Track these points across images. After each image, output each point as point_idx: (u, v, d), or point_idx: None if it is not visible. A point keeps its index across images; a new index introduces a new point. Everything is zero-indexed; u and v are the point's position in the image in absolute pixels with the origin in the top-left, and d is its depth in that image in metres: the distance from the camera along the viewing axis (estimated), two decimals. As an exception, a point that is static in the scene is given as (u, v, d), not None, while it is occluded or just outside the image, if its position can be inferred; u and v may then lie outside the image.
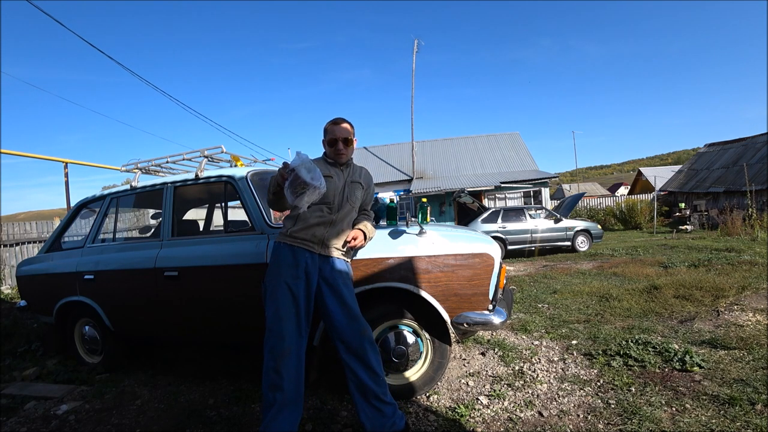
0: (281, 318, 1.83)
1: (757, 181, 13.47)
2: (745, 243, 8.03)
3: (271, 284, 1.88)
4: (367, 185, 2.18)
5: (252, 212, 2.48)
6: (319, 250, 1.94)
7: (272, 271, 1.91)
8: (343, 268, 1.99)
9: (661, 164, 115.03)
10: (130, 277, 2.85)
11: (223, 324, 2.56)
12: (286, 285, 1.85)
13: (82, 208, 3.41)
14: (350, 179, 2.09)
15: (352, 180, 2.09)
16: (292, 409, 1.78)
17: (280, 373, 1.78)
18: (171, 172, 3.43)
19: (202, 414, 2.29)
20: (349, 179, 2.08)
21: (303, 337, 1.87)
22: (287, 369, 1.79)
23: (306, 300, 1.89)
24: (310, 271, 1.90)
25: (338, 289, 1.92)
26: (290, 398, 1.78)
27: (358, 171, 2.16)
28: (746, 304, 3.63)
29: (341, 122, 2.05)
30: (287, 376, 1.79)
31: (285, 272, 1.87)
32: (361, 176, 2.16)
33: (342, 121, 2.06)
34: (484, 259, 2.22)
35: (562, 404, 2.12)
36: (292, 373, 1.80)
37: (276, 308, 1.84)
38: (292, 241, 1.92)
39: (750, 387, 2.11)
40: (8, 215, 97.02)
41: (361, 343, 1.88)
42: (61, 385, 2.92)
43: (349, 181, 2.08)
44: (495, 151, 20.71)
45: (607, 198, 20.96)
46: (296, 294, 1.86)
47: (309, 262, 1.90)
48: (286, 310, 1.83)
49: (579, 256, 8.60)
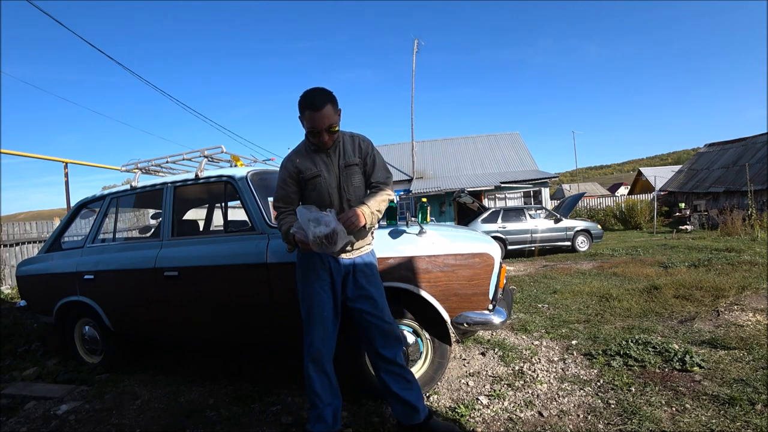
0: (310, 322, 1.82)
1: (757, 181, 13.46)
2: (745, 243, 8.03)
3: (301, 289, 1.88)
4: (364, 159, 1.91)
5: (252, 212, 2.48)
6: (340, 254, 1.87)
7: (300, 276, 1.89)
8: (367, 261, 1.91)
9: (661, 164, 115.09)
10: (130, 277, 2.85)
11: (223, 324, 2.56)
12: (314, 288, 1.82)
13: (82, 208, 3.41)
14: (343, 163, 1.86)
15: (346, 164, 1.86)
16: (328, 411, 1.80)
17: (312, 377, 1.80)
18: (171, 172, 3.43)
19: (202, 414, 2.29)
20: (342, 164, 1.86)
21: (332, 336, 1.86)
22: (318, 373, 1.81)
23: (333, 301, 1.86)
24: (334, 274, 1.85)
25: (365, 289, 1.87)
26: (327, 401, 1.80)
27: (349, 147, 1.89)
28: (746, 304, 3.63)
29: (320, 106, 1.70)
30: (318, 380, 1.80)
31: (311, 276, 1.84)
32: (355, 151, 1.90)
33: (321, 104, 1.70)
34: (484, 259, 2.22)
35: (562, 404, 2.12)
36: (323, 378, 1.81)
37: (306, 314, 1.84)
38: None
39: (750, 387, 2.11)
40: (8, 215, 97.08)
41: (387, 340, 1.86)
42: (61, 385, 2.91)
43: (342, 166, 1.86)
44: (495, 151, 20.71)
45: (607, 198, 20.96)
46: (324, 297, 1.83)
47: (333, 264, 1.85)
48: (314, 314, 1.82)
49: (579, 256, 8.60)
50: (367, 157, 1.92)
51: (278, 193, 1.90)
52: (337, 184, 1.85)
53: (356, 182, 1.88)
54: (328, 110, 1.73)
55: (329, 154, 1.86)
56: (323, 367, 1.82)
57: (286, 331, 2.39)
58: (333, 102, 1.75)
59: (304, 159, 1.86)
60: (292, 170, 1.85)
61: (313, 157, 1.85)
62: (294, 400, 2.36)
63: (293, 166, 1.86)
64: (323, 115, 1.71)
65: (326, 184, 1.83)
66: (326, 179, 1.83)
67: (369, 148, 1.94)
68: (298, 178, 1.86)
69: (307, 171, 1.84)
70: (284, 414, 2.21)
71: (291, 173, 1.86)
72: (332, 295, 1.86)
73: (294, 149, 1.93)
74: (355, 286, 1.87)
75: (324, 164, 1.85)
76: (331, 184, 1.84)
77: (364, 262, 1.91)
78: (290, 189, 1.88)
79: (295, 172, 1.85)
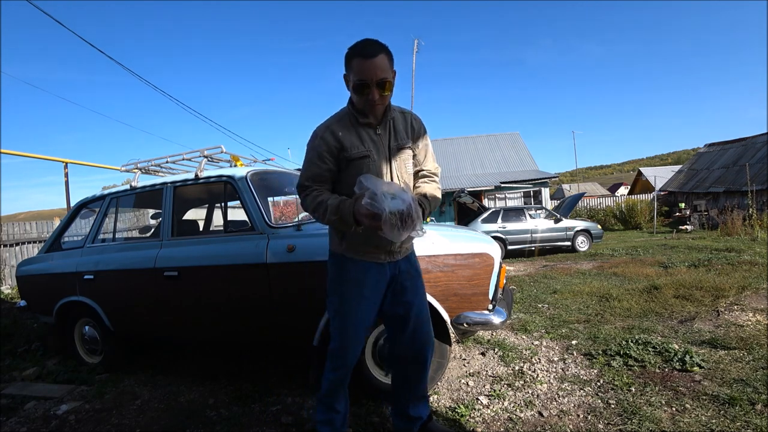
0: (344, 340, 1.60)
1: (757, 181, 13.46)
2: (745, 243, 8.03)
3: (335, 302, 1.60)
4: (416, 142, 1.62)
5: (252, 212, 2.48)
6: (387, 259, 1.59)
7: (335, 286, 1.61)
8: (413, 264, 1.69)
9: (661, 164, 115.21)
10: (130, 277, 2.85)
11: (223, 324, 2.56)
12: (352, 306, 1.57)
13: (82, 208, 3.41)
14: (395, 145, 1.55)
15: (398, 146, 1.55)
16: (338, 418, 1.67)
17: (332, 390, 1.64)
18: (171, 172, 3.43)
19: (202, 414, 2.29)
20: (395, 145, 1.55)
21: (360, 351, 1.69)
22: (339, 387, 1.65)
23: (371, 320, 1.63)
24: (380, 287, 1.60)
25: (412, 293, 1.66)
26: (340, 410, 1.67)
27: (401, 126, 1.58)
28: (746, 304, 3.62)
29: (373, 53, 1.38)
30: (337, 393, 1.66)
31: (350, 290, 1.56)
32: (408, 131, 1.59)
33: (374, 51, 1.38)
34: (484, 259, 2.21)
35: (562, 404, 2.12)
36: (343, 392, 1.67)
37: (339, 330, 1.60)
38: (354, 254, 1.56)
39: (750, 387, 2.11)
40: (8, 215, 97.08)
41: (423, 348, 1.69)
42: (61, 385, 2.91)
43: (395, 149, 1.54)
44: (495, 151, 20.71)
45: (607, 198, 20.96)
46: (363, 316, 1.59)
47: (377, 277, 1.58)
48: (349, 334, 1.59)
49: (579, 256, 8.59)
50: (419, 140, 1.61)
51: (310, 170, 1.52)
52: (388, 170, 1.53)
53: (410, 169, 1.59)
54: (382, 61, 1.39)
55: (379, 131, 1.52)
56: (345, 382, 1.66)
57: (286, 331, 2.39)
58: (388, 55, 1.43)
59: (348, 132, 1.50)
60: (332, 144, 1.49)
61: (359, 132, 1.50)
62: (294, 400, 2.36)
63: (334, 139, 1.49)
64: (375, 65, 1.38)
65: (375, 169, 1.50)
66: (375, 161, 1.49)
67: (422, 129, 1.64)
68: (338, 155, 1.50)
69: (352, 148, 1.48)
70: (284, 414, 2.21)
71: (330, 147, 1.49)
72: (372, 313, 1.62)
73: (332, 117, 1.55)
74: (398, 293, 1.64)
75: (373, 143, 1.51)
76: (380, 170, 1.51)
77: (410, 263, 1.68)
78: (326, 166, 1.50)
79: (336, 147, 1.49)
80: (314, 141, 1.52)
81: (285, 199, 4.21)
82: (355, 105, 1.50)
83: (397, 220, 1.30)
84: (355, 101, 1.48)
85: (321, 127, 1.54)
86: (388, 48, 1.44)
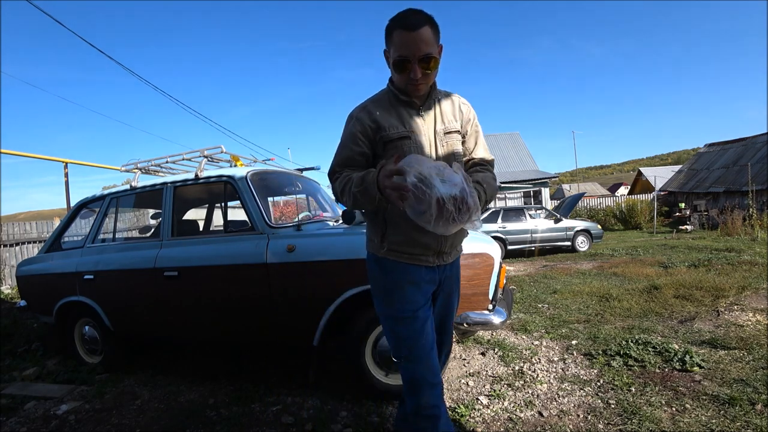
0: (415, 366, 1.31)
1: (757, 181, 13.46)
2: (745, 243, 8.03)
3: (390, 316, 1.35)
4: (466, 126, 1.42)
5: (252, 212, 2.48)
6: (437, 261, 1.37)
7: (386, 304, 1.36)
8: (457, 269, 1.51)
9: (661, 164, 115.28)
10: (130, 277, 2.85)
11: (223, 324, 2.56)
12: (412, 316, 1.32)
13: (82, 208, 3.41)
14: (442, 129, 1.36)
15: (445, 130, 1.36)
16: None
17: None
18: (171, 172, 3.43)
19: (202, 414, 2.29)
20: (441, 129, 1.36)
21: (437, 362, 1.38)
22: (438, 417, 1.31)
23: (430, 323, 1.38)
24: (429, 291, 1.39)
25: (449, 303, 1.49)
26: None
27: (448, 108, 1.39)
28: (746, 304, 3.63)
29: (416, 25, 1.19)
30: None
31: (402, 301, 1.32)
32: (456, 114, 1.40)
33: (418, 23, 1.19)
34: (483, 259, 2.21)
35: (562, 404, 2.12)
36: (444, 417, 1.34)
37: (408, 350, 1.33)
38: (398, 255, 1.33)
39: (750, 387, 2.11)
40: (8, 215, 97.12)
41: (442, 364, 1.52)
42: (61, 385, 2.91)
43: (441, 133, 1.35)
44: (495, 151, 20.70)
45: (607, 198, 20.96)
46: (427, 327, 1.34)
47: (426, 279, 1.36)
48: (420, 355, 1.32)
49: (579, 256, 8.59)
50: (469, 124, 1.43)
51: (341, 155, 1.34)
52: (433, 154, 1.35)
53: (459, 157, 1.39)
54: (427, 33, 1.20)
55: (423, 112, 1.34)
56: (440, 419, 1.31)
57: (286, 331, 2.39)
58: (434, 27, 1.24)
59: (386, 112, 1.32)
60: (367, 124, 1.32)
61: (400, 112, 1.33)
62: (294, 400, 2.36)
63: (370, 120, 1.32)
64: (419, 38, 1.19)
65: (417, 152, 1.30)
66: (417, 147, 1.32)
67: (471, 113, 1.45)
68: (374, 137, 1.32)
69: (391, 128, 1.30)
70: (284, 414, 2.21)
71: (366, 128, 1.32)
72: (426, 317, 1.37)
73: (369, 99, 1.39)
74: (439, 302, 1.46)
75: (415, 125, 1.33)
76: (423, 154, 1.32)
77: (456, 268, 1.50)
78: (359, 149, 1.32)
79: (373, 127, 1.32)
80: (348, 123, 1.36)
81: (285, 199, 4.20)
82: (395, 84, 1.33)
83: (449, 205, 1.06)
84: (395, 80, 1.31)
85: (356, 108, 1.37)
86: (434, 19, 1.24)
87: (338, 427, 2.05)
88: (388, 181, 1.07)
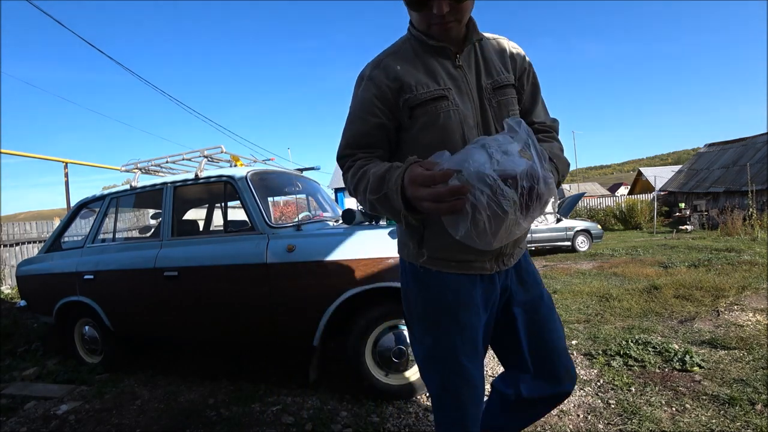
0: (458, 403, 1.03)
1: (757, 181, 13.46)
2: (745, 243, 8.03)
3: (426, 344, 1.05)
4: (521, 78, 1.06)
5: (252, 212, 2.48)
6: (496, 267, 1.02)
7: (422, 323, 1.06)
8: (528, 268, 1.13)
9: (661, 164, 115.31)
10: (129, 277, 2.85)
11: (223, 324, 2.56)
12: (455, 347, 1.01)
13: (82, 208, 3.41)
14: (489, 83, 0.98)
15: (494, 84, 0.98)
16: None
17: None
18: (171, 172, 3.43)
19: (202, 414, 2.29)
20: (488, 83, 0.98)
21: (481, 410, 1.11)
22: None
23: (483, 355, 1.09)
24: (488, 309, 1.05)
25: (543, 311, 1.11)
26: None
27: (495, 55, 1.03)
28: (746, 304, 3.63)
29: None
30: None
31: (443, 322, 1.02)
32: (508, 62, 1.04)
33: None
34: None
35: (562, 404, 2.12)
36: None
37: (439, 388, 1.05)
38: (443, 265, 1.01)
39: (750, 387, 2.11)
40: (8, 215, 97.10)
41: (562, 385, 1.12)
42: (61, 385, 2.91)
43: (489, 88, 0.98)
44: (495, 151, 20.67)
45: (607, 198, 20.95)
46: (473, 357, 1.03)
47: (484, 295, 1.03)
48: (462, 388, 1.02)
49: (579, 256, 8.59)
50: (525, 76, 1.05)
51: (352, 130, 1.01)
52: (479, 120, 0.97)
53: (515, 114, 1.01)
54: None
55: (458, 62, 0.97)
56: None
57: (286, 331, 2.39)
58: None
59: (410, 66, 0.96)
60: (386, 85, 0.96)
61: (429, 64, 0.96)
62: (294, 400, 2.36)
63: (389, 78, 0.96)
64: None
65: (457, 119, 0.94)
66: (458, 109, 0.95)
67: (526, 60, 1.07)
68: (396, 101, 0.96)
69: (419, 87, 0.94)
70: (284, 414, 2.21)
71: (383, 91, 0.96)
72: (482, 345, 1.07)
73: (385, 51, 1.03)
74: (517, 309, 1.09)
75: (451, 78, 0.96)
76: (466, 119, 0.95)
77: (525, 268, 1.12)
78: (377, 121, 0.98)
79: (393, 88, 0.96)
80: (358, 86, 1.01)
81: (285, 199, 4.21)
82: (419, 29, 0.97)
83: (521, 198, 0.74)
84: (414, 22, 0.97)
85: (368, 65, 1.01)
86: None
87: (338, 427, 2.05)
88: (424, 191, 0.75)
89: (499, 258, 1.03)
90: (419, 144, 0.97)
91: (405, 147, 1.01)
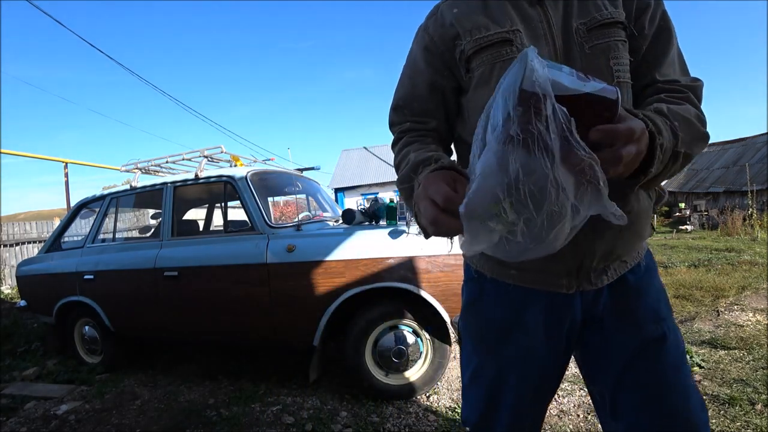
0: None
1: (757, 181, 13.47)
2: (745, 243, 8.03)
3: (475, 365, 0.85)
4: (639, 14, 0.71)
5: (252, 212, 2.48)
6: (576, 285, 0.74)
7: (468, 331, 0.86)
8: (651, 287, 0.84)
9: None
10: (129, 277, 2.85)
11: (223, 324, 2.56)
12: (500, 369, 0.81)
13: (82, 208, 3.41)
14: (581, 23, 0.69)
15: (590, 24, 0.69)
16: None
17: None
18: (171, 172, 3.44)
19: (202, 414, 2.29)
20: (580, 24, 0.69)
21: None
22: None
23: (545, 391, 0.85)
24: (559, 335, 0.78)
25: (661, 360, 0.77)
26: None
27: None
28: (746, 304, 3.63)
29: None
30: None
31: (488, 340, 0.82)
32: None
33: None
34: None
35: (562, 404, 2.12)
36: None
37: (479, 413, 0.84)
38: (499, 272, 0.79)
39: (750, 387, 2.11)
40: (8, 215, 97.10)
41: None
42: (61, 385, 2.91)
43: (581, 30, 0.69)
44: (495, 151, 20.70)
45: (607, 198, 20.92)
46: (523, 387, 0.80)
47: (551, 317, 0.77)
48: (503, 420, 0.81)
49: (579, 256, 8.59)
50: (645, 13, 0.72)
51: (401, 90, 0.84)
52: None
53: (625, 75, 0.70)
54: None
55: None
56: None
57: (286, 331, 2.39)
58: None
59: (472, 8, 0.74)
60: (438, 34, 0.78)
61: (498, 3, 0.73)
62: (294, 400, 2.36)
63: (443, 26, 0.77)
64: None
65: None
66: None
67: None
68: (452, 52, 0.76)
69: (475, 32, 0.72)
70: (284, 414, 2.21)
71: (435, 41, 0.78)
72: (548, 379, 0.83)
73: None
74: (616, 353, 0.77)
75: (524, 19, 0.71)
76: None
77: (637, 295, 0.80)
78: (428, 78, 0.79)
79: (448, 36, 0.76)
80: (415, 39, 0.83)
81: (285, 199, 4.21)
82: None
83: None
84: None
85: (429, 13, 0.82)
86: None
87: (338, 427, 2.05)
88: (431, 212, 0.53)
89: (581, 274, 0.73)
90: (476, 108, 0.72)
91: (466, 115, 0.78)
